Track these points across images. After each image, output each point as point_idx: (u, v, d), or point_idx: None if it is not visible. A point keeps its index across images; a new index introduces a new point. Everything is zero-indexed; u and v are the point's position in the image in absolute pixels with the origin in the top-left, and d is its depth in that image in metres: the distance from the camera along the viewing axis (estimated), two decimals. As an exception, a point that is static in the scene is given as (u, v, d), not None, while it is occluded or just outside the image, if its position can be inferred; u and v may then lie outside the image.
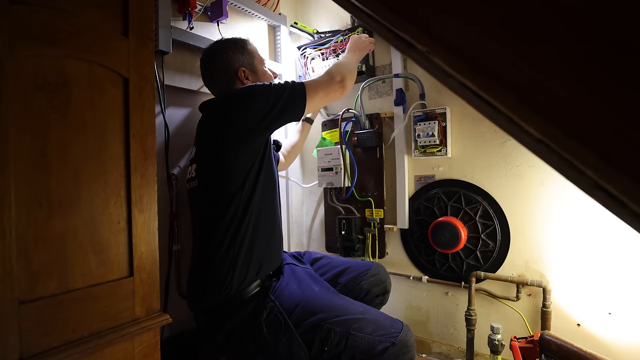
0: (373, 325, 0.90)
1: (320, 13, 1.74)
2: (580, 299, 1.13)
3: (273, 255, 1.04)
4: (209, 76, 1.14)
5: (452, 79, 0.21)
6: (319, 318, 0.89)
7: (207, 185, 0.99)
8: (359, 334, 0.87)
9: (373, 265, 1.22)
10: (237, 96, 0.97)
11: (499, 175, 1.26)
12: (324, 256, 1.28)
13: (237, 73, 1.10)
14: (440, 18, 0.21)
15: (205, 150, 1.02)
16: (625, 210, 0.18)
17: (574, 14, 0.17)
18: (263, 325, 0.89)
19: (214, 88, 1.16)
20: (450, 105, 1.33)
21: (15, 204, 0.59)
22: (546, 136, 0.19)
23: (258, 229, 0.98)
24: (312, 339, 0.88)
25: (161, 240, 0.90)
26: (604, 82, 0.17)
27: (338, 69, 1.11)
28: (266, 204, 1.02)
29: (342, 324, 0.88)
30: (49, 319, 0.63)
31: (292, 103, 0.99)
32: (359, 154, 1.56)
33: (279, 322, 0.90)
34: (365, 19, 0.24)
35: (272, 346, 0.89)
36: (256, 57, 1.16)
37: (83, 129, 0.69)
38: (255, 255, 0.97)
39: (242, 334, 0.92)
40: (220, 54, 1.10)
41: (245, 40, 1.15)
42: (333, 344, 0.86)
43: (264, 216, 1.01)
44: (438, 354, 1.41)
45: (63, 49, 0.66)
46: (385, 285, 1.21)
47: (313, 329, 0.88)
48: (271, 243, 1.04)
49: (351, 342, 0.86)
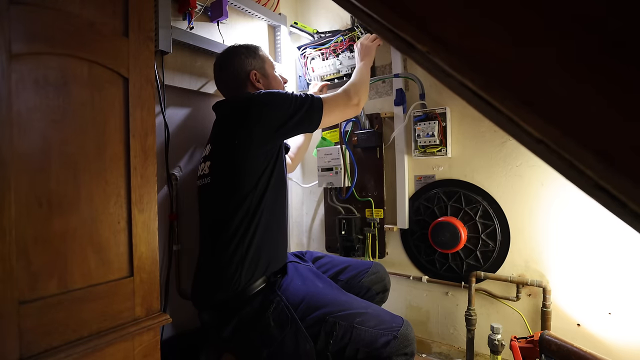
0: (375, 320, 0.93)
1: (320, 13, 1.74)
2: (580, 299, 1.13)
3: (280, 253, 1.06)
4: (221, 78, 1.17)
5: (452, 79, 0.21)
6: (324, 312, 0.92)
7: (220, 184, 1.01)
8: (363, 328, 0.90)
9: (373, 264, 1.24)
10: (259, 101, 1.00)
11: (499, 175, 1.26)
12: (324, 255, 1.30)
13: (249, 76, 1.14)
14: (440, 18, 0.21)
15: (220, 149, 1.04)
16: (625, 210, 0.18)
17: (574, 14, 0.17)
18: (270, 319, 0.91)
19: (226, 90, 1.18)
20: (450, 105, 1.33)
21: (15, 204, 0.59)
22: (546, 136, 0.19)
23: (267, 229, 1.00)
24: (317, 333, 0.90)
25: (161, 240, 0.90)
26: (604, 82, 0.17)
27: (355, 89, 1.14)
28: (276, 205, 1.04)
29: (346, 318, 0.91)
30: (49, 319, 0.63)
31: (309, 117, 1.03)
32: (359, 154, 1.56)
33: (286, 316, 0.91)
34: (365, 19, 0.24)
35: (278, 340, 0.90)
36: (267, 62, 1.19)
37: (83, 128, 0.69)
38: (263, 253, 0.99)
39: (248, 329, 0.93)
40: (232, 58, 1.14)
41: (258, 46, 1.20)
42: (338, 337, 0.89)
43: (274, 216, 1.03)
44: (438, 354, 1.41)
45: (63, 49, 0.66)
46: (385, 283, 1.23)
47: (318, 323, 0.91)
48: (279, 242, 1.06)
49: (355, 336, 0.89)
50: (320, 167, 1.58)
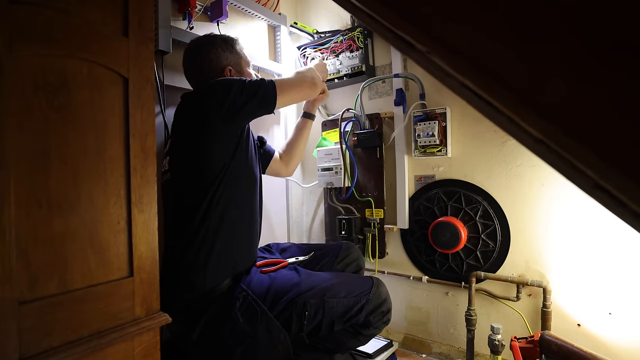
0: (345, 289, 0.94)
1: (320, 13, 1.74)
2: (581, 299, 1.13)
3: (248, 252, 1.03)
4: (193, 69, 1.10)
5: (452, 79, 0.21)
6: (292, 295, 0.91)
7: (179, 179, 0.97)
8: (334, 300, 0.91)
9: (343, 245, 1.23)
10: (212, 86, 0.97)
11: (499, 175, 1.26)
12: (291, 244, 1.27)
13: (223, 71, 1.09)
14: (440, 18, 0.21)
15: (178, 144, 1.01)
16: (625, 210, 0.18)
17: (575, 14, 0.17)
18: (238, 315, 0.88)
19: (195, 83, 1.13)
20: (450, 105, 1.33)
21: (15, 204, 0.59)
22: (546, 136, 0.19)
23: (233, 226, 0.97)
24: (289, 317, 0.89)
25: (161, 240, 0.89)
26: (604, 82, 0.16)
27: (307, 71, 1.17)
28: (243, 200, 1.00)
29: (315, 295, 0.91)
30: (48, 319, 0.63)
31: (263, 97, 1.00)
32: (359, 154, 1.56)
33: (254, 309, 0.89)
34: (365, 19, 0.24)
35: (250, 335, 0.88)
36: (243, 59, 1.15)
37: (83, 129, 0.69)
38: (229, 251, 0.96)
39: (217, 328, 0.90)
40: (208, 49, 1.07)
41: (235, 39, 1.14)
42: (311, 316, 0.89)
43: (240, 212, 0.99)
44: (438, 354, 1.41)
45: (63, 49, 0.66)
46: (359, 262, 1.23)
47: (288, 307, 0.90)
48: (246, 239, 1.03)
49: (328, 310, 0.90)
50: (320, 167, 1.58)
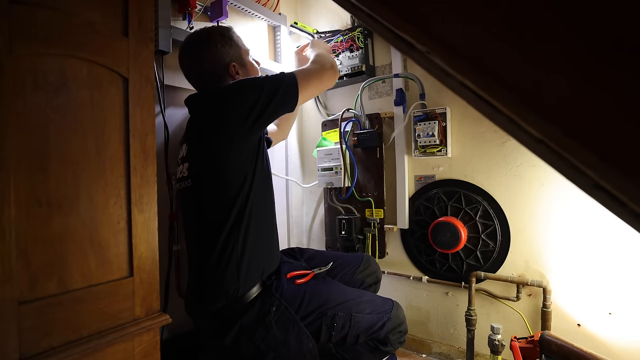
0: (370, 306, 1.02)
1: (320, 13, 1.74)
2: (581, 299, 1.13)
3: (273, 253, 1.04)
4: (195, 71, 1.07)
5: (452, 79, 0.21)
6: (323, 307, 0.97)
7: (203, 187, 0.96)
8: (360, 315, 0.99)
9: (364, 258, 1.27)
10: (232, 91, 0.94)
11: (499, 175, 1.26)
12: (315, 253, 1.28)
13: (228, 69, 1.05)
14: (440, 18, 0.21)
15: (199, 150, 0.98)
16: (625, 210, 0.18)
17: (576, 14, 0.17)
18: (272, 322, 0.91)
19: (200, 84, 1.09)
20: (450, 105, 1.33)
21: (15, 204, 0.59)
22: (546, 136, 0.19)
23: (258, 229, 0.97)
24: (319, 327, 0.95)
25: (161, 240, 0.89)
26: (605, 82, 0.16)
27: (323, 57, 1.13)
28: (264, 202, 1.01)
29: (343, 309, 0.98)
30: (48, 319, 0.63)
31: (285, 95, 0.97)
32: (359, 154, 1.56)
33: (287, 317, 0.92)
34: (365, 19, 0.24)
35: (282, 342, 0.90)
36: (243, 49, 1.11)
37: (83, 129, 0.69)
38: (258, 256, 0.97)
39: (251, 335, 0.91)
40: (207, 47, 1.03)
41: (229, 29, 1.10)
42: (338, 328, 0.96)
43: (263, 214, 1.00)
44: (438, 354, 1.41)
45: (63, 49, 0.66)
46: (377, 275, 1.28)
47: (318, 318, 0.95)
48: (270, 241, 1.04)
49: (354, 323, 0.97)
50: (320, 167, 1.58)
